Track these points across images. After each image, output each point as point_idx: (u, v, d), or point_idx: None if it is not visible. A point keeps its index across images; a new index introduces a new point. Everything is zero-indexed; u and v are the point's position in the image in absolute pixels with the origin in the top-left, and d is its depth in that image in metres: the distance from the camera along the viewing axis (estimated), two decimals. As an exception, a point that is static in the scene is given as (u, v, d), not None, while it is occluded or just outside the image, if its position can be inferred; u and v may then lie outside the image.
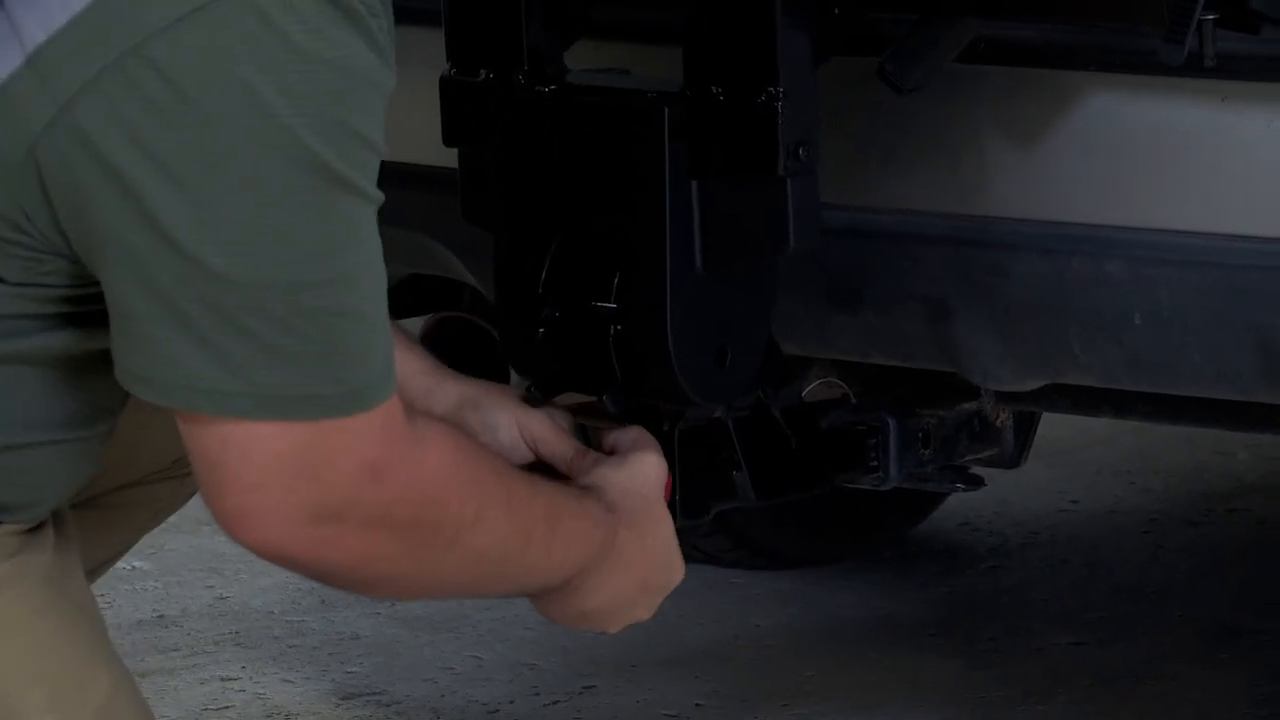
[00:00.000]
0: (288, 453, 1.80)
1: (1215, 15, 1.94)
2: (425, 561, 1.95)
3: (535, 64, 2.23)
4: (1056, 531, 3.60)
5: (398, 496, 1.85)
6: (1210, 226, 2.15)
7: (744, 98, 2.10)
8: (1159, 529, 3.62)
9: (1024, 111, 2.23)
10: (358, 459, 1.81)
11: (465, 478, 1.95)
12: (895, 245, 2.28)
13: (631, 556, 2.08)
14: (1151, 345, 2.23)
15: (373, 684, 3.14)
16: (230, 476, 1.80)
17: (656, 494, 2.13)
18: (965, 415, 2.60)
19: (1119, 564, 3.52)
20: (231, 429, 1.77)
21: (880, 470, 2.53)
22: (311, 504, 1.81)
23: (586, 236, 2.20)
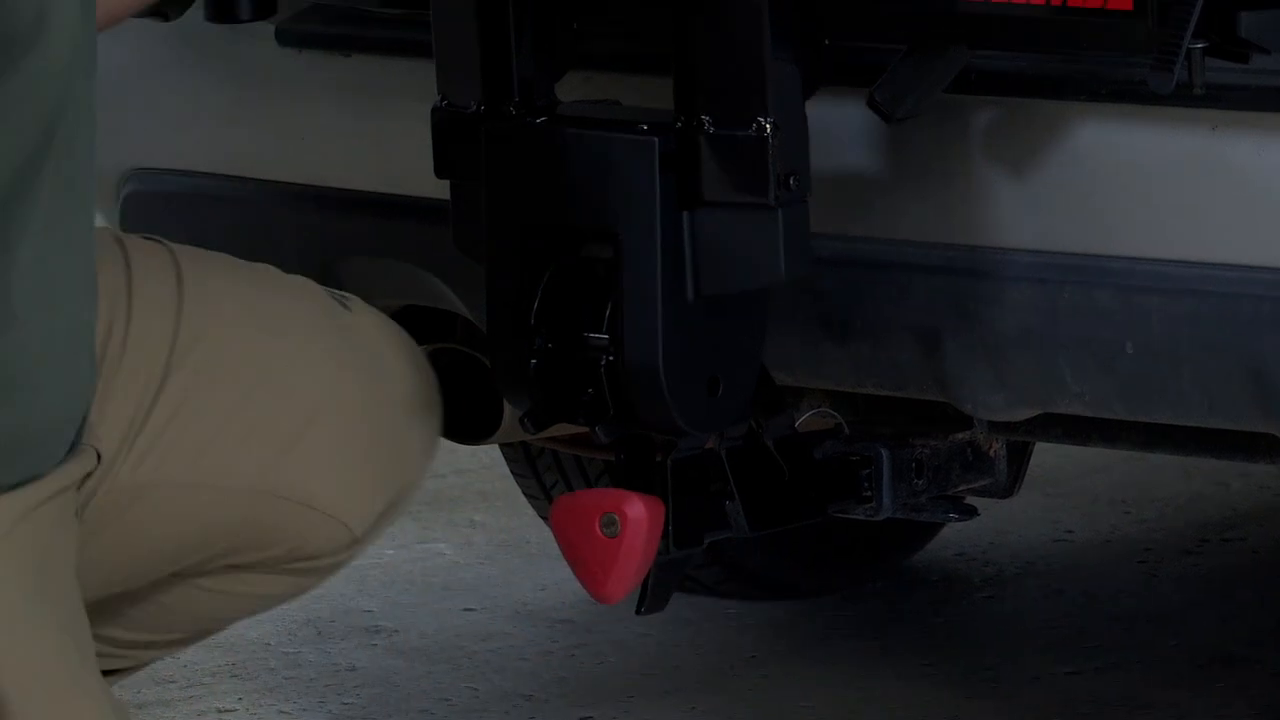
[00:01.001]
0: None
1: (1204, 44, 1.94)
2: None
3: (525, 95, 2.24)
4: (1052, 560, 3.60)
5: None
6: (1201, 256, 2.15)
7: (734, 128, 2.10)
8: (1154, 558, 3.62)
9: (1014, 141, 2.23)
10: None
11: None
12: (886, 275, 2.28)
13: None
14: (1143, 375, 2.23)
15: (369, 715, 3.13)
16: None
17: None
18: (958, 445, 2.61)
19: (1115, 593, 3.51)
20: None
21: (874, 501, 2.53)
22: None
23: (578, 268, 2.21)
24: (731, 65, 2.12)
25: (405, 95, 2.36)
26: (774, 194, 2.08)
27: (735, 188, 2.11)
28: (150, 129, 2.74)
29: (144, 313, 2.26)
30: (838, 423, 2.53)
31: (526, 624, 3.36)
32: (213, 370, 2.28)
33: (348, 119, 2.54)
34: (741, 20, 2.12)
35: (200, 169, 2.70)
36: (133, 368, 2.23)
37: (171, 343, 2.28)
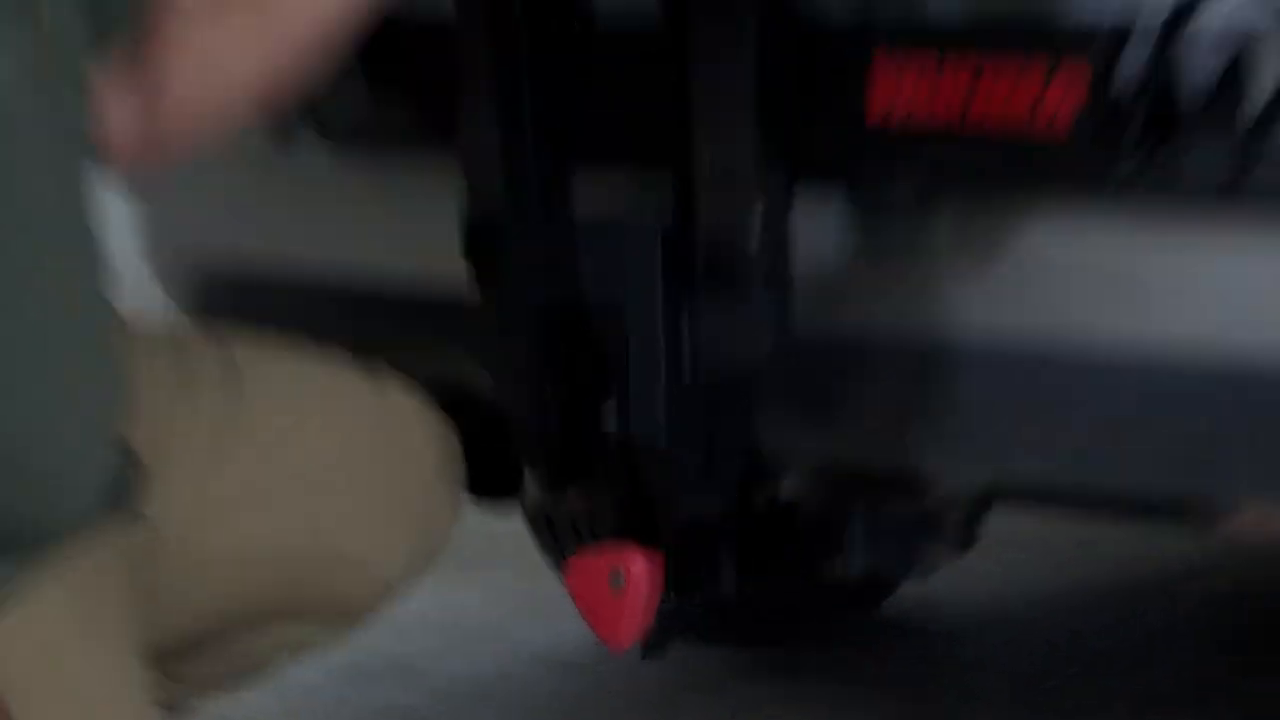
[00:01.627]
0: None
1: (1139, 154, 2.02)
2: None
3: (542, 196, 2.31)
4: (1016, 605, 3.63)
5: None
6: (1147, 337, 2.20)
7: (725, 224, 2.19)
8: (1115, 604, 3.64)
9: (978, 234, 2.27)
10: None
11: None
12: (860, 359, 2.32)
13: None
14: (1092, 449, 2.29)
15: None
16: None
17: None
18: (921, 510, 2.71)
19: (1084, 637, 3.50)
20: None
21: (847, 560, 2.62)
22: None
23: (589, 350, 2.28)
24: (722, 168, 2.19)
25: (438, 199, 2.39)
26: (759, 285, 2.17)
27: (727, 277, 2.18)
28: (213, 229, 2.77)
29: (198, 393, 2.30)
30: (816, 490, 2.57)
31: (542, 667, 3.39)
32: (260, 443, 2.33)
33: (385, 221, 2.58)
34: (735, 137, 2.19)
35: (254, 266, 2.74)
36: (185, 443, 2.27)
37: (222, 418, 2.32)
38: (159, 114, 2.26)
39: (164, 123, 2.25)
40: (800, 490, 2.57)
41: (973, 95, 2.12)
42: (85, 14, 2.13)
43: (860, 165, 2.24)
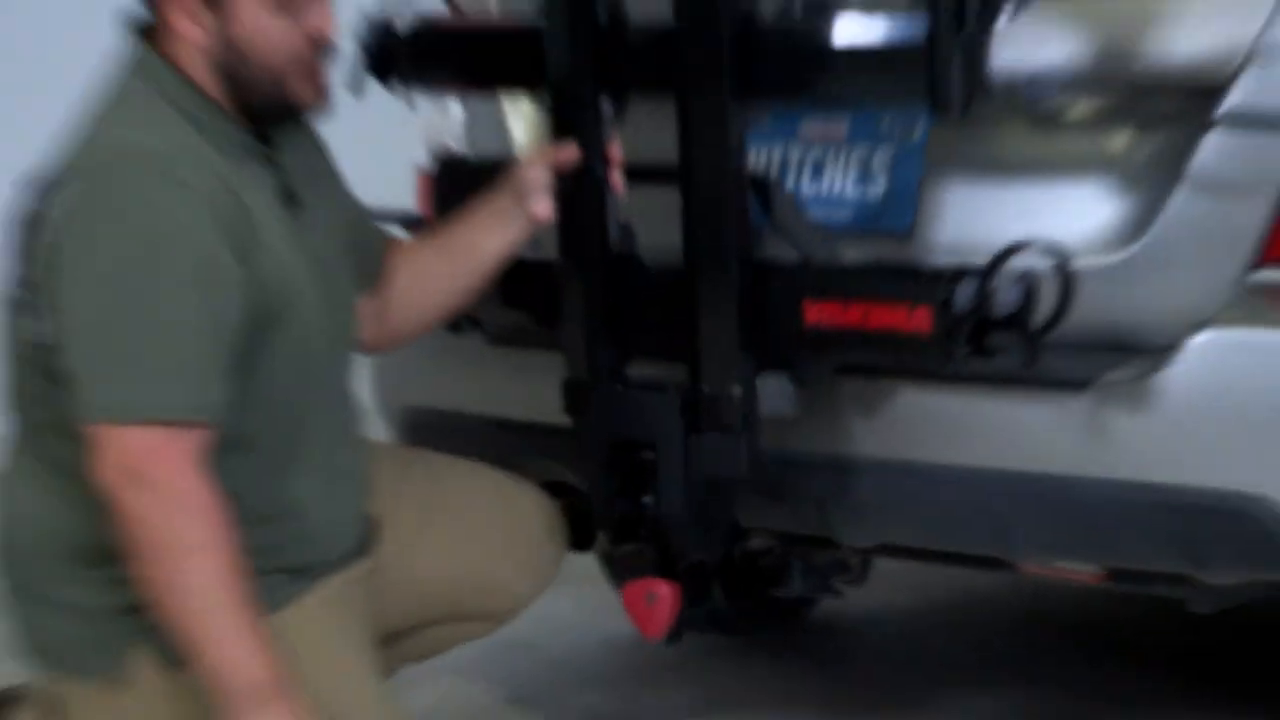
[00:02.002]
0: None
1: (968, 349, 2.07)
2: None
3: (608, 371, 2.32)
4: (899, 615, 3.46)
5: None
6: (970, 458, 2.24)
7: (717, 391, 2.21)
8: (968, 608, 3.49)
9: (869, 395, 2.29)
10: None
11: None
12: (798, 469, 2.33)
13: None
14: (933, 526, 2.34)
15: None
16: None
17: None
18: (834, 556, 2.75)
19: (943, 631, 3.38)
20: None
21: (788, 586, 2.75)
22: None
23: (638, 468, 2.28)
24: (717, 360, 2.21)
25: (547, 372, 2.37)
26: (738, 425, 2.20)
27: (718, 422, 2.21)
28: (414, 383, 2.73)
29: (407, 481, 2.35)
30: (772, 545, 2.63)
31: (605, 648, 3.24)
32: (434, 513, 2.36)
33: (517, 383, 2.54)
34: (723, 342, 2.21)
35: (443, 408, 2.69)
36: (398, 513, 2.31)
37: (423, 497, 2.36)
38: (385, 327, 2.32)
39: (388, 331, 2.33)
40: (761, 546, 2.62)
41: (869, 314, 2.12)
42: (352, 271, 2.22)
43: (798, 357, 2.25)
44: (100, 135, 1.97)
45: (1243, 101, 2.11)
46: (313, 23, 2.01)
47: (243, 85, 2.01)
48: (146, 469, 1.86)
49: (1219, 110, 2.12)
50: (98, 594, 1.99)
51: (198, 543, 1.87)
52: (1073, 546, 2.27)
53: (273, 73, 2.01)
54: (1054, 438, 2.17)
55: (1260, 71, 2.10)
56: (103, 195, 1.90)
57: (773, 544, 2.59)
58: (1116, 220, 2.22)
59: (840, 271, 2.25)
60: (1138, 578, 2.30)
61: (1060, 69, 2.19)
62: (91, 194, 1.90)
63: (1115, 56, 2.19)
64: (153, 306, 1.88)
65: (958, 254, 2.20)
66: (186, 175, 1.92)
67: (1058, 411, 2.16)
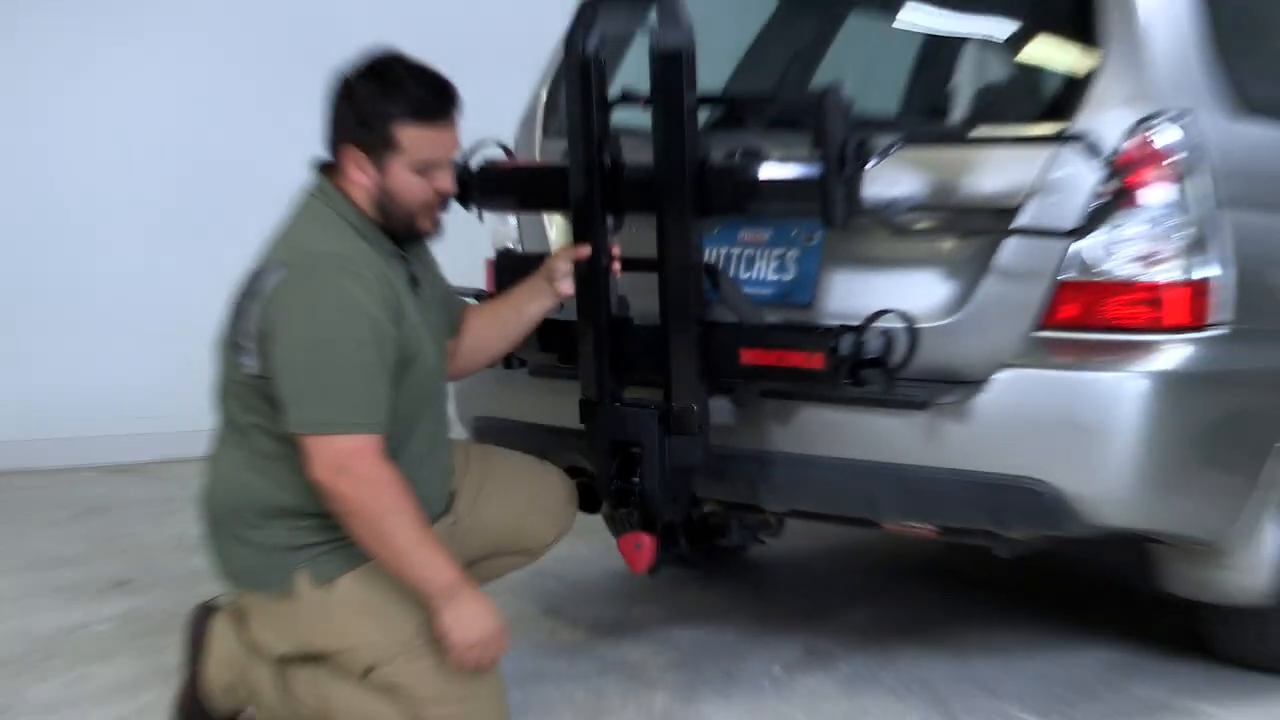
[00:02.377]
0: None
1: (848, 380, 2.07)
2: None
3: (610, 392, 2.27)
4: (817, 561, 3.30)
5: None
6: (844, 452, 2.22)
7: (682, 409, 2.20)
8: (852, 551, 3.34)
9: (784, 412, 2.26)
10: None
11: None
12: (736, 459, 2.29)
13: (451, 617, 1.93)
14: (823, 497, 2.30)
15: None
16: None
17: (480, 618, 1.95)
18: (760, 518, 2.69)
19: (848, 573, 3.22)
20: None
21: (730, 537, 2.75)
22: None
23: (629, 456, 2.24)
24: (683, 386, 2.21)
25: (568, 392, 2.33)
26: (695, 431, 2.21)
27: (683, 428, 2.21)
28: (480, 400, 2.67)
29: (472, 464, 2.33)
30: (718, 510, 2.52)
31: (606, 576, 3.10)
32: (490, 484, 2.33)
33: (549, 401, 2.49)
34: (687, 373, 2.20)
35: (500, 416, 2.63)
36: (464, 483, 2.29)
37: (480, 474, 2.33)
38: (458, 363, 2.31)
39: (461, 366, 2.33)
40: (711, 510, 2.53)
41: (783, 357, 2.13)
42: (446, 327, 2.24)
43: (736, 385, 2.25)
44: (298, 239, 2.02)
45: (1028, 220, 2.14)
46: (439, 183, 2.06)
47: (389, 216, 2.06)
48: (352, 464, 1.91)
49: (1013, 225, 2.14)
50: (274, 536, 2.02)
51: (392, 508, 1.93)
52: (917, 511, 2.26)
53: (409, 212, 2.06)
54: (905, 439, 2.17)
55: (1038, 201, 2.14)
56: (306, 282, 1.95)
57: (719, 509, 2.54)
58: (946, 297, 2.22)
59: (764, 329, 2.25)
60: (960, 533, 2.29)
61: (909, 197, 2.20)
62: (298, 281, 1.96)
63: (946, 189, 2.21)
64: (345, 355, 1.93)
65: (841, 318, 2.20)
66: (359, 269, 1.97)
67: (907, 422, 2.16)
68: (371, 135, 1.98)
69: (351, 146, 2.01)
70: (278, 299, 1.95)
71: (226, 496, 2.06)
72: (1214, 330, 2.12)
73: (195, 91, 4.48)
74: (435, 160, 2.03)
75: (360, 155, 2.01)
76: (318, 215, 2.03)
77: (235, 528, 2.05)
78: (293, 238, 2.02)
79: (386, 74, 1.98)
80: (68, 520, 3.77)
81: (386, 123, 1.97)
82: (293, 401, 1.93)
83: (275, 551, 2.03)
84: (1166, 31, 2.11)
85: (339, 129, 2.02)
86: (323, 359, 1.91)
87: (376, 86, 1.98)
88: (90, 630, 2.80)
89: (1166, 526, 2.20)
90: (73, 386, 4.40)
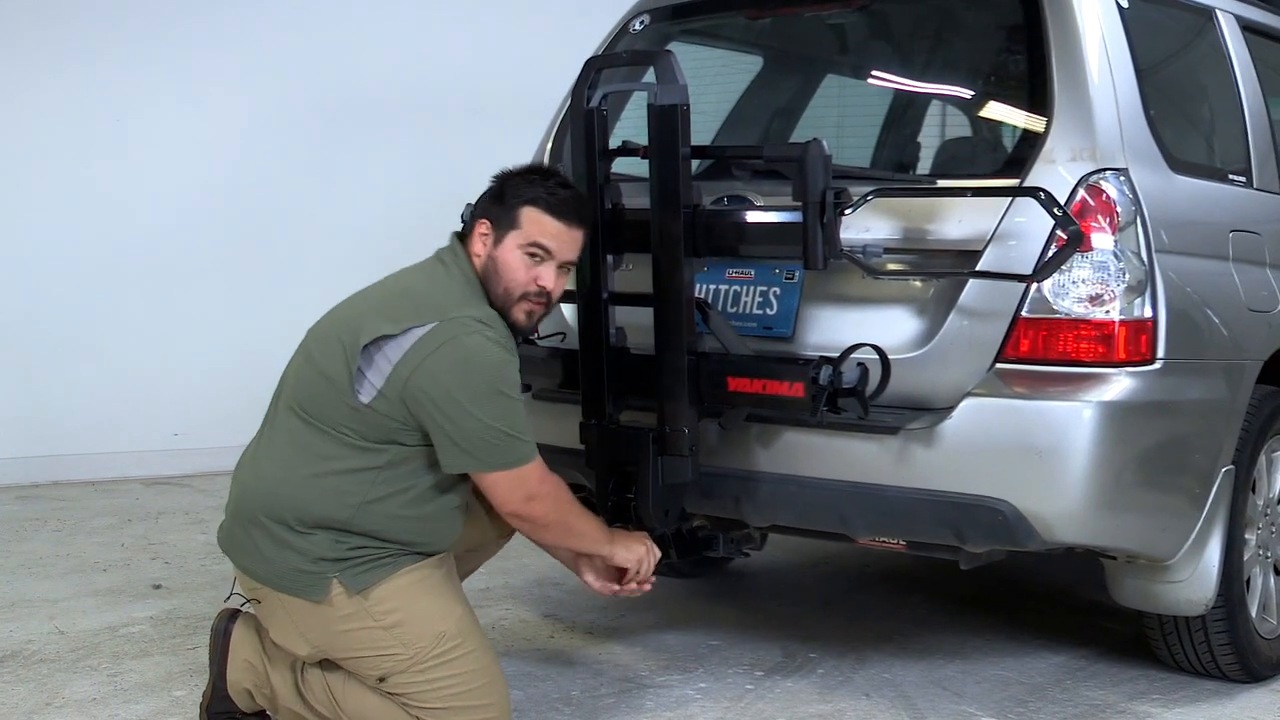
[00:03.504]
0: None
1: (826, 407, 2.07)
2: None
3: (606, 414, 2.24)
4: (781, 565, 3.34)
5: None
6: (821, 471, 2.20)
7: (674, 432, 2.17)
8: (828, 562, 3.35)
9: (765, 436, 2.21)
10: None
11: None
12: (723, 478, 2.28)
13: (622, 546, 2.08)
14: (802, 514, 2.26)
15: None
16: None
17: (636, 544, 2.10)
18: (744, 532, 2.60)
19: (839, 579, 3.22)
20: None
21: (717, 549, 2.68)
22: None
23: (625, 477, 2.24)
24: (674, 411, 2.19)
25: (570, 415, 2.32)
26: (687, 452, 2.20)
27: (675, 449, 2.20)
28: None
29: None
30: (704, 523, 2.49)
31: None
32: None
33: (553, 423, 2.41)
34: (679, 399, 2.18)
35: None
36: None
37: None
38: None
39: None
40: (700, 525, 2.51)
41: (766, 385, 2.12)
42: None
43: (723, 410, 2.24)
44: (434, 299, 1.99)
45: (988, 263, 2.15)
46: (543, 276, 2.04)
47: (490, 289, 2.05)
48: (538, 489, 1.99)
49: (975, 268, 2.15)
50: (318, 546, 1.98)
51: (569, 508, 2.04)
52: (888, 528, 2.25)
53: (507, 289, 2.04)
54: (877, 461, 2.17)
55: (997, 247, 2.15)
56: (462, 344, 1.93)
57: (706, 524, 2.51)
58: (916, 332, 2.21)
59: (750, 359, 2.24)
60: (927, 547, 2.29)
61: (882, 241, 2.20)
62: (453, 342, 1.93)
63: (915, 234, 2.22)
64: (511, 402, 1.95)
65: (819, 350, 2.21)
66: (495, 331, 1.98)
67: (880, 446, 2.16)
68: (501, 210, 2.02)
69: (484, 219, 2.04)
70: (422, 354, 1.92)
71: (275, 501, 1.99)
72: (1156, 364, 2.13)
73: (234, 136, 4.57)
74: (547, 249, 2.02)
75: (487, 226, 2.04)
76: (447, 276, 2.03)
77: (279, 532, 1.98)
78: (427, 298, 1.99)
79: (537, 171, 2.05)
80: (107, 529, 3.78)
81: (517, 203, 2.01)
82: (470, 449, 1.93)
83: (316, 560, 1.98)
84: (1109, 98, 2.15)
85: (480, 204, 2.06)
86: (492, 410, 1.92)
87: (523, 177, 2.03)
88: (127, 631, 2.80)
89: (1118, 543, 2.20)
90: (115, 404, 4.43)
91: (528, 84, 3.83)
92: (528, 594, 3.03)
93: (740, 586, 3.20)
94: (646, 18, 2.69)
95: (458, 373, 1.91)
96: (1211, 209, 2.40)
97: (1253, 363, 2.38)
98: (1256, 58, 2.67)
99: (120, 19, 4.38)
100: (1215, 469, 2.29)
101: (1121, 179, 2.11)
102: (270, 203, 4.53)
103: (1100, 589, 2.47)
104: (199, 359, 4.42)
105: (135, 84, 4.42)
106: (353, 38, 4.65)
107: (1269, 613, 2.54)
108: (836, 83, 2.93)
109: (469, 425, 1.93)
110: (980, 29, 2.49)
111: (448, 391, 1.91)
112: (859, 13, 2.56)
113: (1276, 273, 2.51)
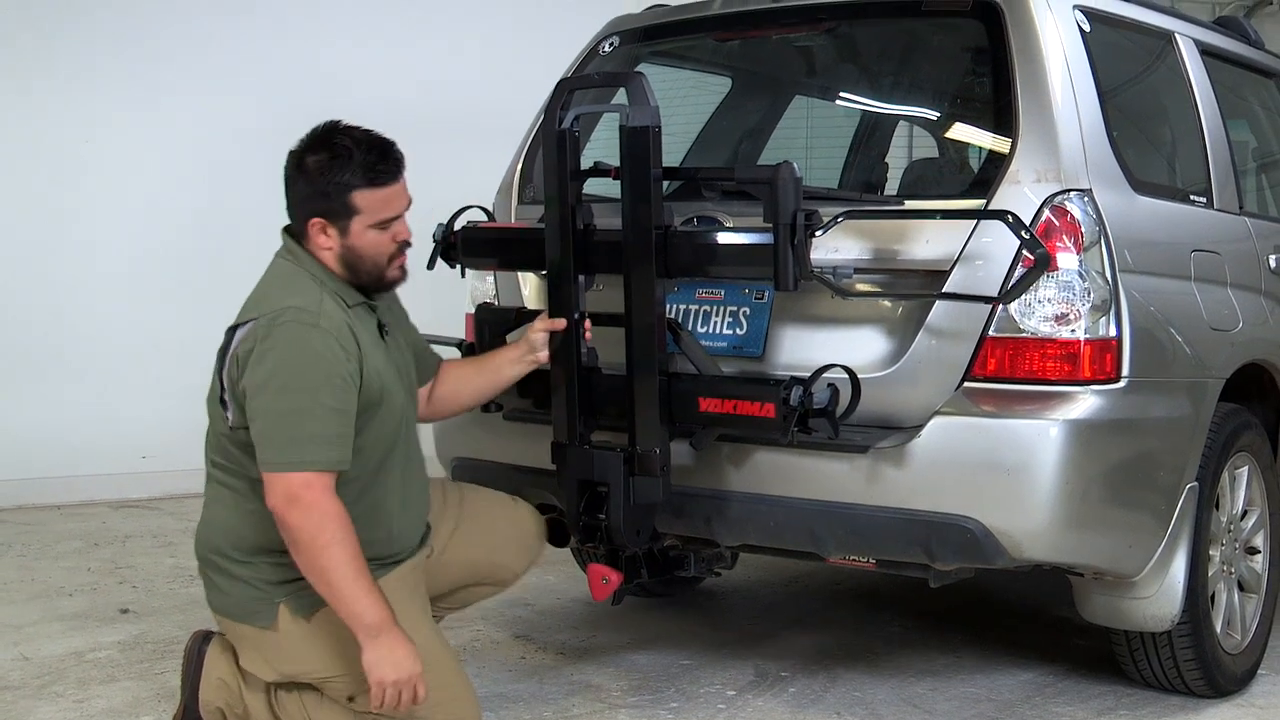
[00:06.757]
0: None
1: (797, 427, 2.05)
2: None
3: (578, 436, 2.24)
4: (755, 583, 3.33)
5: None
6: (791, 491, 2.19)
7: (646, 451, 2.16)
8: (799, 581, 3.34)
9: (736, 455, 2.21)
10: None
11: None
12: (694, 498, 2.26)
13: (374, 655, 1.87)
14: (775, 533, 2.25)
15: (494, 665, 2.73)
16: None
17: (401, 659, 1.87)
18: (715, 551, 2.55)
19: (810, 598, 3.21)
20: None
21: (688, 569, 2.57)
22: None
23: (596, 493, 2.23)
24: (647, 431, 2.18)
25: (542, 436, 2.31)
26: (658, 472, 2.19)
27: (646, 469, 2.19)
28: (459, 442, 2.61)
29: (449, 503, 2.29)
30: (676, 542, 2.47)
31: (579, 603, 3.10)
32: (466, 520, 2.28)
33: (522, 443, 2.42)
34: (650, 419, 2.18)
35: (477, 457, 2.57)
36: (442, 521, 2.22)
37: (457, 511, 2.27)
38: (433, 408, 2.29)
39: (435, 411, 2.30)
40: (671, 544, 2.50)
41: (737, 405, 2.11)
42: (414, 373, 2.18)
43: (695, 430, 2.24)
44: (265, 297, 2.01)
45: (955, 283, 2.16)
46: (399, 234, 2.06)
47: (358, 272, 2.05)
48: (302, 494, 1.88)
49: (942, 288, 2.15)
50: (259, 572, 2.01)
51: (334, 540, 1.89)
52: (858, 546, 2.24)
53: (376, 265, 2.05)
54: (847, 480, 2.17)
55: (963, 268, 2.17)
56: (267, 334, 1.93)
57: (678, 543, 2.50)
58: (885, 352, 2.22)
59: (720, 379, 2.24)
60: (897, 565, 2.29)
61: (851, 262, 2.20)
62: (261, 333, 1.94)
63: (883, 255, 2.22)
64: (299, 399, 1.91)
65: (789, 369, 2.22)
66: (316, 320, 1.95)
67: (850, 465, 2.15)
68: (331, 203, 1.98)
69: (314, 216, 2.00)
70: (242, 351, 1.94)
71: (215, 536, 2.05)
72: (1121, 382, 2.14)
73: (203, 154, 4.56)
74: (392, 216, 2.03)
75: (323, 222, 2.01)
76: (285, 273, 2.03)
77: (224, 564, 2.04)
78: (261, 296, 2.01)
79: (335, 146, 1.97)
80: (74, 553, 3.74)
81: (343, 191, 1.97)
82: (258, 443, 1.92)
83: (260, 586, 2.01)
84: (1073, 120, 2.16)
85: (300, 201, 2.01)
86: (280, 403, 1.90)
87: (327, 159, 1.96)
88: (94, 656, 2.77)
89: (1085, 560, 2.20)
90: (82, 427, 4.39)
91: (498, 105, 3.84)
92: (499, 615, 3.02)
93: (712, 606, 3.20)
94: (616, 39, 2.71)
95: (256, 364, 1.90)
96: (1173, 229, 2.42)
97: (1215, 380, 2.40)
98: (1215, 80, 2.70)
99: (89, 37, 4.37)
100: (1180, 486, 2.30)
101: (1086, 200, 2.13)
102: (240, 224, 4.49)
103: (1068, 606, 2.47)
104: (167, 381, 4.38)
105: (105, 103, 4.42)
106: (326, 58, 4.66)
107: (1233, 628, 2.56)
108: (805, 104, 2.95)
109: (260, 416, 1.90)
110: (946, 52, 2.50)
111: (248, 383, 1.91)
112: (826, 35, 2.56)
113: (1237, 292, 2.54)
